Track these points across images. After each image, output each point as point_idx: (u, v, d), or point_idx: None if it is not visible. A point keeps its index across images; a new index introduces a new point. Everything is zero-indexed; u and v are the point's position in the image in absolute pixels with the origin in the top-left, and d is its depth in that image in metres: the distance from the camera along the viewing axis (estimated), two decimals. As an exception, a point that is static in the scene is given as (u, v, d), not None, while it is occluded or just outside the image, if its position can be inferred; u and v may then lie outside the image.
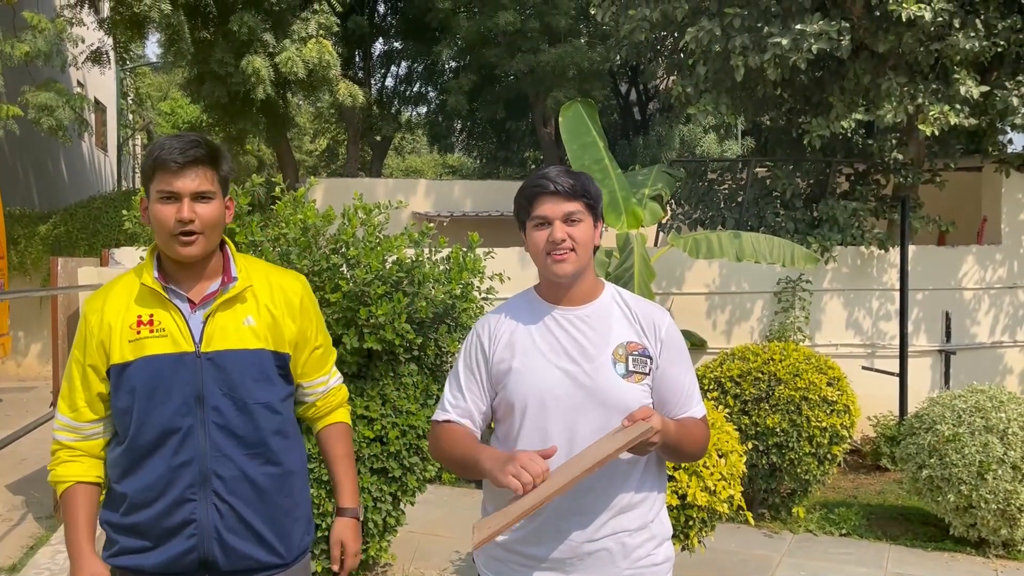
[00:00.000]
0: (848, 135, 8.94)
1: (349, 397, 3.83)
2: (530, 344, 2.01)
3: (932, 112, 7.37)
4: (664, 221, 9.35)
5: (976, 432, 5.35)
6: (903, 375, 7.30)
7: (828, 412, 5.70)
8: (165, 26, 11.33)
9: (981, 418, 5.40)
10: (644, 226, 6.56)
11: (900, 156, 8.64)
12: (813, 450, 5.72)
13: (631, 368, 1.98)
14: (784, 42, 7.25)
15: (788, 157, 9.33)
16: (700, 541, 4.15)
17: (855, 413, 5.85)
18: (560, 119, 7.04)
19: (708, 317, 8.24)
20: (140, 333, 1.94)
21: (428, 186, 14.59)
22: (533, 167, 19.16)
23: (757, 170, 9.27)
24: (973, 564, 5.37)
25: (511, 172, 18.87)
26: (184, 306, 1.97)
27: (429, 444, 2.15)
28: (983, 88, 7.41)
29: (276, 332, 2.03)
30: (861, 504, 6.53)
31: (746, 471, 4.95)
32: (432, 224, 4.29)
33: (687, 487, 3.95)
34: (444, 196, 14.06)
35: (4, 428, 6.05)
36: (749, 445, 5.51)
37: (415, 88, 18.36)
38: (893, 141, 8.73)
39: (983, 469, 5.24)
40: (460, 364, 2.10)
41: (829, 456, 5.80)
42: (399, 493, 4.01)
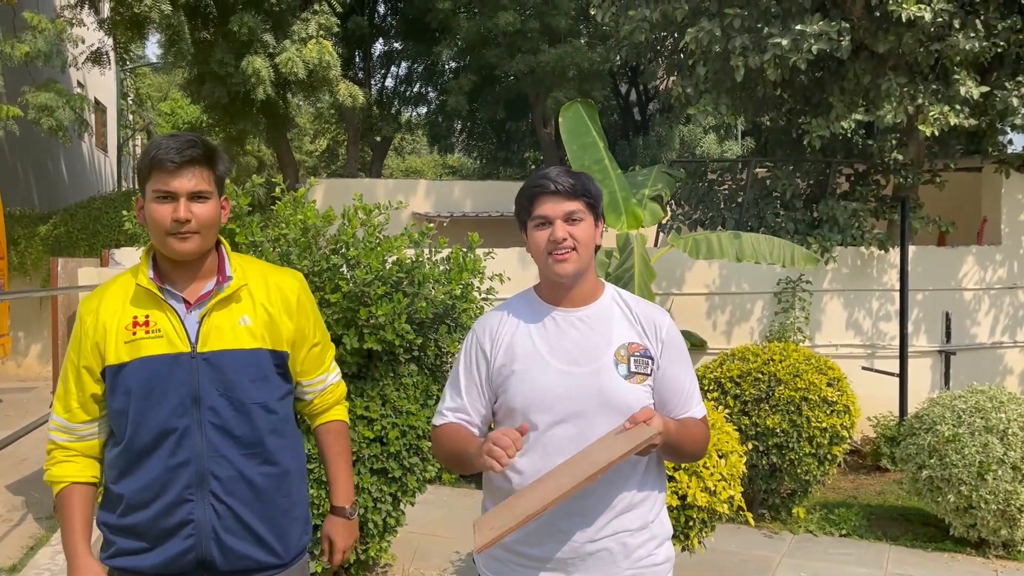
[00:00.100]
0: (848, 135, 8.94)
1: (349, 397, 3.88)
2: (531, 346, 2.01)
3: (932, 112, 7.37)
4: (664, 221, 9.35)
5: (976, 432, 5.36)
6: (903, 375, 7.30)
7: (828, 412, 5.70)
8: (165, 26, 11.33)
9: (981, 418, 5.40)
10: (644, 226, 6.56)
11: (900, 156, 8.64)
12: (813, 450, 5.72)
13: (633, 369, 1.98)
14: (784, 42, 7.25)
15: (788, 157, 9.33)
16: (700, 541, 4.15)
17: (855, 413, 5.85)
18: (560, 119, 7.04)
19: (708, 318, 8.24)
20: (136, 334, 1.94)
21: (428, 186, 14.58)
22: (533, 167, 19.16)
23: (757, 170, 9.27)
24: (973, 564, 5.37)
25: (511, 172, 18.87)
26: (180, 306, 1.97)
27: (432, 447, 2.16)
28: (983, 88, 7.41)
29: (273, 330, 2.03)
30: (861, 504, 6.53)
31: (746, 471, 4.95)
32: (432, 224, 4.29)
33: (687, 487, 3.94)
34: (444, 196, 14.06)
35: (4, 428, 6.05)
36: (749, 446, 5.51)
37: (415, 88, 18.37)
38: (893, 141, 8.73)
39: (983, 469, 5.24)
40: (460, 367, 2.09)
41: (829, 456, 5.80)
42: (399, 493, 4.01)
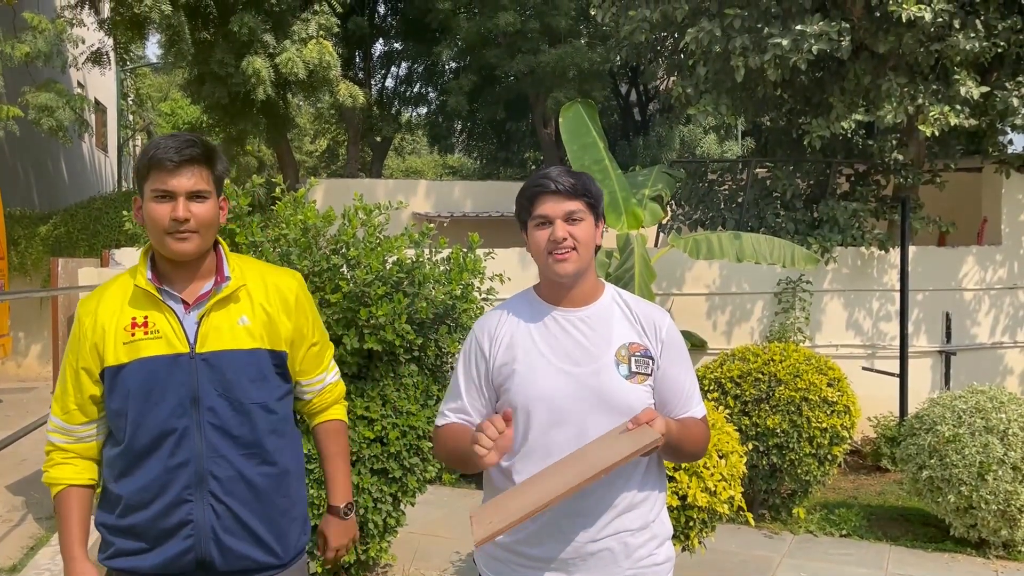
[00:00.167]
0: (848, 136, 8.94)
1: (350, 398, 3.88)
2: (531, 346, 2.01)
3: (932, 113, 7.37)
4: (664, 222, 9.35)
5: (976, 433, 5.35)
6: (903, 376, 7.29)
7: (828, 413, 5.70)
8: (165, 27, 11.32)
9: (981, 419, 5.40)
10: (644, 227, 6.56)
11: (900, 157, 8.64)
12: (813, 451, 5.72)
13: (634, 369, 1.98)
14: (784, 43, 7.25)
15: (788, 158, 9.33)
16: (700, 542, 4.15)
17: (855, 414, 5.85)
18: (560, 120, 7.04)
19: (708, 318, 8.24)
20: (135, 335, 1.94)
21: (428, 187, 14.58)
22: (533, 168, 19.16)
23: (757, 171, 9.27)
24: (973, 565, 5.37)
25: (511, 173, 18.87)
26: (178, 307, 1.97)
27: (433, 448, 2.16)
28: (983, 89, 7.41)
29: (272, 330, 2.03)
30: (861, 505, 6.53)
31: (746, 472, 4.95)
32: (432, 225, 4.29)
33: (687, 488, 3.94)
34: (444, 197, 14.06)
35: (4, 429, 6.05)
36: (749, 446, 5.51)
37: (415, 89, 18.37)
38: (893, 142, 8.72)
39: (983, 470, 5.24)
40: (460, 368, 2.09)
41: (829, 457, 5.80)
42: (399, 494, 4.01)
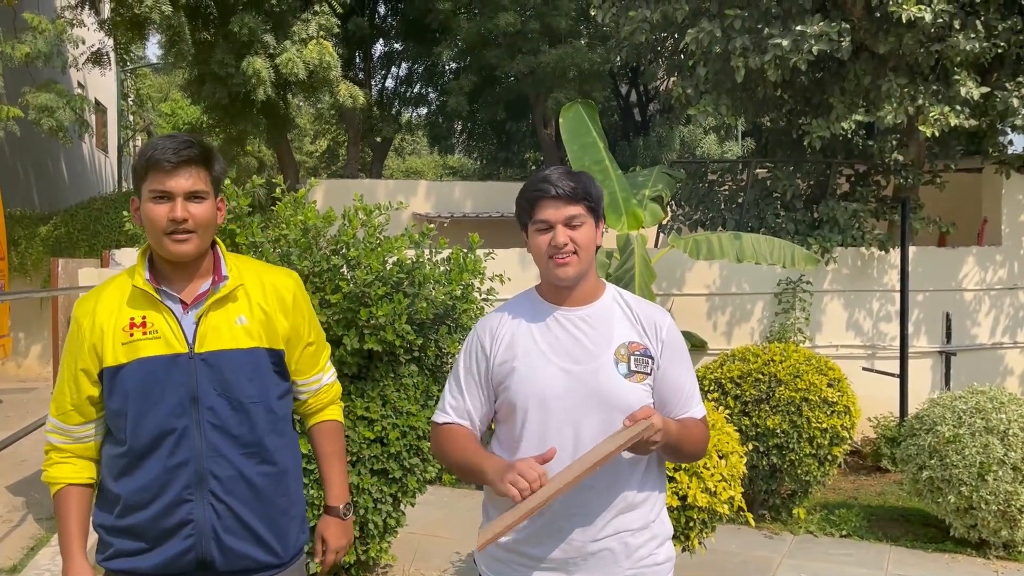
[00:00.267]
0: (848, 136, 8.94)
1: (350, 398, 3.88)
2: (532, 345, 2.01)
3: (932, 113, 7.37)
4: (664, 222, 9.35)
5: (976, 433, 5.35)
6: (903, 376, 7.29)
7: (828, 413, 5.70)
8: (166, 27, 11.32)
9: (981, 419, 5.40)
10: (644, 227, 6.56)
11: (900, 157, 8.64)
12: (813, 451, 5.72)
13: (633, 368, 1.98)
14: (784, 43, 7.26)
15: (788, 158, 9.33)
16: (700, 542, 4.15)
17: (855, 414, 5.85)
18: (560, 120, 7.04)
19: (708, 318, 8.24)
20: (133, 335, 1.94)
21: (428, 187, 14.59)
22: (533, 168, 19.15)
23: (757, 171, 9.27)
24: (974, 565, 5.37)
25: (511, 173, 18.87)
26: (176, 307, 1.97)
27: (431, 445, 2.15)
28: (983, 89, 7.41)
29: (270, 329, 2.03)
30: (861, 505, 6.53)
31: (746, 472, 4.94)
32: (432, 225, 4.29)
33: (687, 488, 3.94)
34: (444, 197, 14.06)
35: (4, 429, 6.05)
36: (749, 446, 5.50)
37: (415, 89, 18.36)
38: (893, 142, 8.72)
39: (983, 470, 5.24)
40: (460, 365, 2.09)
41: (829, 457, 5.80)
42: (399, 494, 4.01)
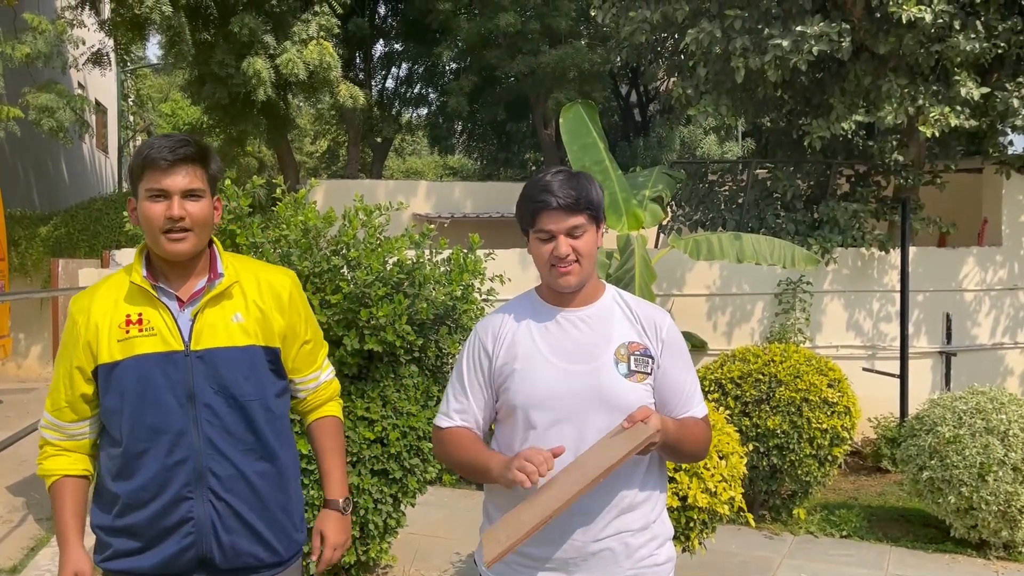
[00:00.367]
0: (848, 137, 8.94)
1: (350, 399, 3.88)
2: (532, 345, 2.01)
3: (932, 113, 7.37)
4: (664, 223, 9.35)
5: (977, 434, 5.35)
6: (904, 377, 7.29)
7: (829, 414, 5.70)
8: (166, 28, 11.31)
9: (982, 420, 5.40)
10: (645, 228, 6.56)
11: (900, 158, 8.64)
12: (814, 452, 5.72)
13: (633, 368, 1.98)
14: (784, 44, 7.26)
15: (788, 159, 9.33)
16: (701, 543, 4.15)
17: (856, 415, 5.85)
18: (561, 120, 7.03)
19: (709, 319, 8.24)
20: (129, 332, 1.94)
21: (429, 188, 14.59)
22: (533, 168, 19.14)
23: (757, 172, 9.27)
24: (974, 566, 5.37)
25: (512, 174, 18.86)
26: (172, 304, 1.97)
27: (434, 447, 2.15)
28: (983, 90, 7.41)
29: (266, 326, 2.03)
30: (862, 506, 6.53)
31: (747, 473, 4.94)
32: (433, 226, 4.29)
33: (688, 489, 3.94)
34: (445, 198, 14.07)
35: (4, 430, 6.05)
36: (750, 447, 5.50)
37: (416, 90, 18.35)
38: (894, 143, 8.72)
39: (984, 471, 5.24)
40: (462, 366, 2.09)
41: (830, 458, 5.80)
42: (399, 495, 4.01)
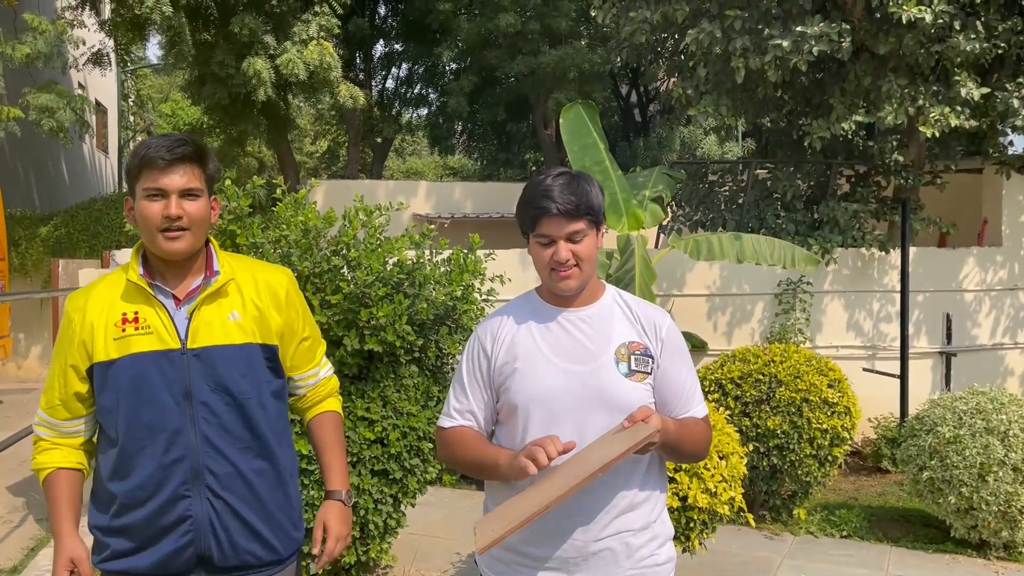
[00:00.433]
0: (849, 137, 8.94)
1: (350, 399, 3.88)
2: (532, 346, 2.01)
3: (933, 114, 7.37)
4: (665, 223, 9.35)
5: (977, 434, 5.35)
6: (904, 377, 7.29)
7: (829, 414, 5.70)
8: (166, 28, 11.31)
9: (982, 420, 5.40)
10: (645, 228, 6.56)
11: (901, 158, 8.63)
12: (814, 452, 5.72)
13: (633, 367, 1.98)
14: (785, 44, 7.25)
15: (789, 159, 9.32)
16: (701, 543, 4.15)
17: (856, 415, 5.84)
18: (561, 121, 7.03)
19: (709, 319, 8.24)
20: (125, 330, 1.94)
21: (429, 188, 14.59)
22: (534, 169, 19.15)
23: (758, 172, 9.27)
24: (974, 566, 5.37)
25: (512, 174, 18.87)
26: (169, 302, 1.97)
27: (438, 449, 2.14)
28: (984, 90, 7.41)
29: (263, 324, 2.03)
30: (862, 506, 6.52)
31: (747, 473, 4.95)
32: (433, 226, 4.29)
33: (688, 489, 3.94)
34: (445, 198, 14.07)
35: (5, 430, 6.05)
36: (750, 447, 5.50)
37: (416, 90, 18.35)
38: (894, 143, 8.72)
39: (984, 471, 5.24)
40: (463, 368, 2.10)
41: (830, 458, 5.79)
42: (400, 495, 4.01)
